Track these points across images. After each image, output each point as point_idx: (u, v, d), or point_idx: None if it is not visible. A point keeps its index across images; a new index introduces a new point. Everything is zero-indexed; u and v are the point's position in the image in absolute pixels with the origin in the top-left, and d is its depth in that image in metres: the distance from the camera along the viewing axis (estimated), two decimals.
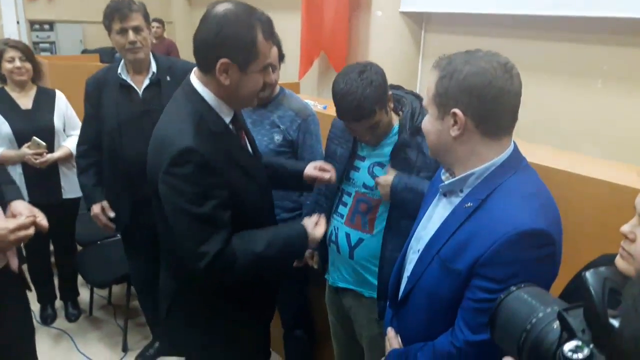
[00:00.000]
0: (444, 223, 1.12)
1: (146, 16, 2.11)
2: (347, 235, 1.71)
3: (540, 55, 4.05)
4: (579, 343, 0.49)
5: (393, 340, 1.27)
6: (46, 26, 8.31)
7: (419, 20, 5.20)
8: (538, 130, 3.78)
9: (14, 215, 1.51)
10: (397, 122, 1.65)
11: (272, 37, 1.32)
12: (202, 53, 1.29)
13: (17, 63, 2.57)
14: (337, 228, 1.74)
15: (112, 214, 2.33)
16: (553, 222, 1.03)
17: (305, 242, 1.45)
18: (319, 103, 3.12)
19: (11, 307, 1.66)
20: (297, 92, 3.45)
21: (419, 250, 1.21)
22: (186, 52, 2.14)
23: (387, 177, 1.57)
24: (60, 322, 3.01)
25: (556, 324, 0.54)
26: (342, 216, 1.74)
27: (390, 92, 1.60)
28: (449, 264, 1.07)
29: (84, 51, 7.83)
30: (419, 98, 1.68)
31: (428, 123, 1.12)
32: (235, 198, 1.32)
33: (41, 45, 8.16)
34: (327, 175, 1.62)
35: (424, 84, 5.19)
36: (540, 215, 1.01)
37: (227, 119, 1.36)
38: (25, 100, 2.64)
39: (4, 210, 1.54)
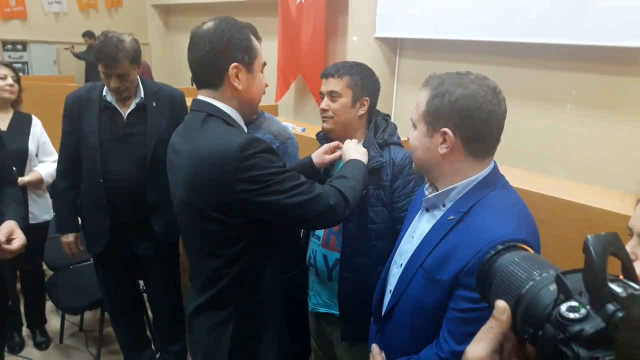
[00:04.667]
0: (428, 235, 1.15)
1: (134, 59, 2.06)
2: (325, 257, 1.72)
3: (511, 80, 4.17)
4: (576, 304, 0.49)
5: (377, 356, 1.27)
6: (19, 46, 8.20)
7: (393, 46, 5.32)
8: (508, 153, 3.87)
9: None
10: (363, 139, 1.68)
11: (258, 37, 1.38)
12: (210, 68, 1.31)
13: (9, 80, 2.58)
14: (315, 251, 1.75)
15: (81, 247, 2.33)
16: (532, 234, 1.08)
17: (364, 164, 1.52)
18: (298, 125, 3.15)
19: None
20: (275, 114, 3.48)
21: (402, 265, 1.23)
22: (161, 73, 2.16)
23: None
24: (29, 351, 2.89)
25: (553, 287, 0.53)
26: (318, 238, 1.75)
27: (368, 100, 1.65)
28: (434, 275, 1.09)
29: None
30: (387, 120, 1.73)
31: (416, 139, 1.16)
32: None
33: (14, 65, 8.04)
34: (337, 154, 1.65)
35: (399, 107, 5.31)
36: (520, 226, 1.06)
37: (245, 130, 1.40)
38: (0, 122, 2.60)
39: None
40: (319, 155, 1.66)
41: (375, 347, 1.30)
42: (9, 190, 1.75)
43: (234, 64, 1.30)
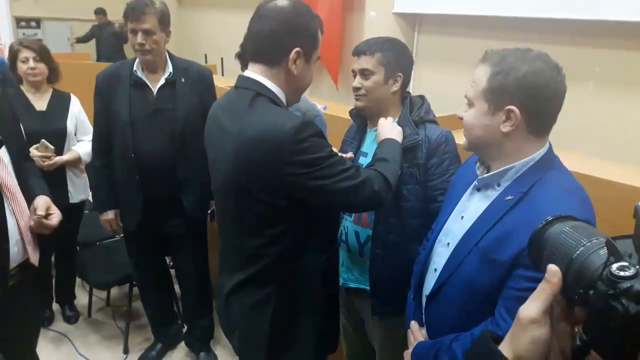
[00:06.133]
0: (483, 215, 1.15)
1: (162, 19, 2.08)
2: (357, 234, 1.74)
3: None
4: (626, 264, 0.52)
5: (417, 333, 1.29)
6: (33, 23, 8.21)
7: (412, 22, 5.24)
8: None
9: (35, 210, 1.57)
10: (397, 117, 1.68)
11: (322, 31, 1.39)
12: (275, 44, 1.30)
13: (31, 63, 2.54)
14: (347, 227, 1.76)
15: (120, 223, 2.37)
16: (592, 214, 1.07)
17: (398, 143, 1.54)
18: (318, 103, 3.14)
19: (26, 302, 1.68)
20: None
21: (448, 244, 1.23)
22: (174, 50, 2.15)
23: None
24: (59, 325, 2.97)
25: (603, 251, 0.56)
26: (350, 214, 1.76)
27: (401, 76, 1.64)
28: (491, 254, 1.09)
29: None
30: (422, 97, 1.73)
31: (473, 117, 1.13)
32: None
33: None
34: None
35: (418, 83, 5.26)
36: (584, 206, 1.06)
37: None
38: (40, 102, 2.63)
39: (29, 203, 1.60)
40: None
41: (414, 324, 1.32)
42: (27, 166, 1.77)
43: (297, 48, 1.30)
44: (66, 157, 2.61)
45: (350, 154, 1.67)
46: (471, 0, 4.41)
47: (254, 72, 1.33)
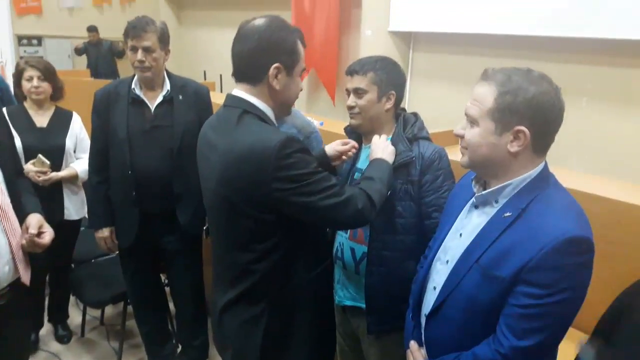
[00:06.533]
0: (482, 232, 1.15)
1: (162, 38, 2.12)
2: (352, 250, 1.73)
3: None
4: None
5: (417, 353, 1.28)
6: (34, 41, 8.28)
7: (407, 40, 5.31)
8: None
9: (27, 228, 1.56)
10: (391, 133, 1.69)
11: (304, 43, 1.39)
12: (253, 63, 1.33)
13: (35, 82, 2.57)
14: (342, 244, 1.76)
15: (116, 241, 2.36)
16: (590, 231, 1.08)
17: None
18: (315, 119, 3.16)
19: (16, 322, 1.65)
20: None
21: (447, 262, 1.23)
22: (173, 68, 2.19)
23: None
24: (51, 345, 2.92)
25: None
26: (346, 231, 1.75)
27: (394, 93, 1.65)
28: (491, 271, 1.10)
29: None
30: (415, 115, 1.74)
31: (479, 137, 1.12)
32: None
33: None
34: (348, 146, 1.65)
35: (413, 101, 5.30)
36: (582, 223, 1.07)
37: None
38: (41, 119, 2.65)
39: (22, 221, 1.59)
40: (334, 146, 1.67)
41: (413, 344, 1.31)
42: (20, 183, 1.77)
43: (276, 64, 1.32)
44: (63, 173, 2.61)
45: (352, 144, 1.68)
46: (464, 19, 4.48)
47: (241, 91, 1.37)
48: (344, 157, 1.68)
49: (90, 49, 7.92)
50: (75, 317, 3.09)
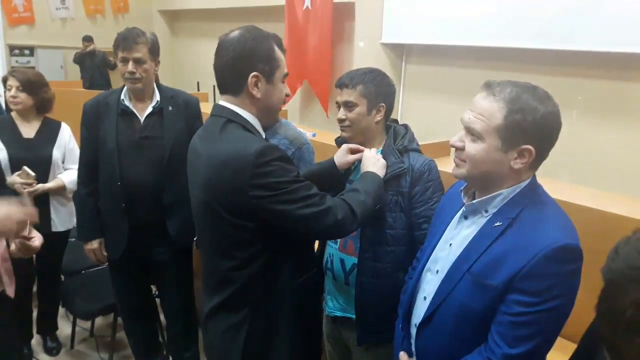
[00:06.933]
0: (473, 241, 1.16)
1: (153, 49, 2.14)
2: (342, 261, 1.73)
3: None
4: None
5: None
6: (26, 51, 8.26)
7: (399, 52, 5.35)
8: None
9: (15, 234, 1.54)
10: (382, 145, 1.70)
11: (282, 48, 1.41)
12: (232, 75, 1.36)
13: (13, 92, 2.56)
14: (332, 255, 1.76)
15: (105, 252, 2.34)
16: (577, 241, 1.09)
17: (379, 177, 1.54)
18: (308, 130, 3.18)
19: (3, 336, 1.63)
20: (285, 118, 3.50)
21: (437, 272, 1.24)
22: (167, 79, 2.21)
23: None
24: (40, 357, 2.89)
25: None
26: (335, 242, 1.76)
27: (384, 105, 1.65)
28: (483, 280, 1.11)
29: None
30: (406, 127, 1.75)
31: (484, 152, 1.11)
32: None
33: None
34: (358, 156, 1.65)
35: (406, 112, 5.34)
36: (571, 232, 1.09)
37: (263, 136, 1.44)
38: (28, 130, 2.63)
39: None
40: (341, 155, 1.68)
41: (403, 355, 1.31)
42: (3, 194, 1.75)
43: (254, 73, 1.34)
44: (49, 185, 2.59)
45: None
46: (455, 32, 4.53)
47: (225, 102, 1.39)
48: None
49: (85, 58, 7.93)
50: (64, 328, 3.06)
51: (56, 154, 2.65)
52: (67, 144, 2.72)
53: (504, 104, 1.08)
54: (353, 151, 1.67)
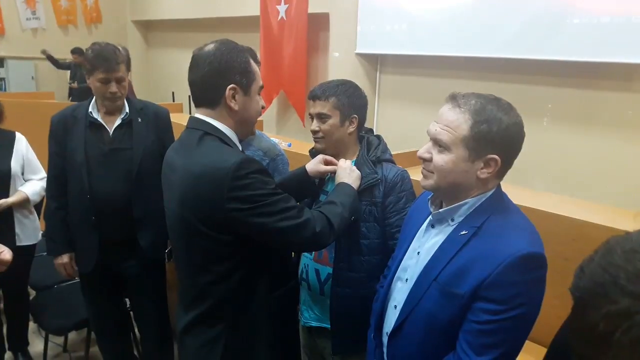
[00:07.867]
0: (439, 250, 1.18)
1: (128, 63, 2.12)
2: (317, 272, 1.74)
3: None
4: None
5: None
6: None
7: (373, 62, 5.42)
8: None
9: None
10: (355, 156, 1.72)
11: (257, 61, 1.42)
12: (209, 87, 1.35)
13: None
14: (307, 265, 1.76)
15: (76, 267, 2.29)
16: (542, 248, 1.12)
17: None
18: (283, 140, 3.18)
19: None
20: (261, 129, 3.51)
21: (407, 280, 1.25)
22: (141, 89, 2.18)
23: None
24: None
25: None
26: (310, 252, 1.76)
27: (356, 117, 1.68)
28: (449, 288, 1.12)
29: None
30: (379, 137, 1.77)
31: (451, 163, 1.13)
32: None
33: None
34: (331, 168, 1.66)
35: (381, 121, 5.39)
36: (535, 240, 1.11)
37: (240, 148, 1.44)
38: None
39: None
40: (315, 164, 1.68)
41: None
42: None
43: (231, 85, 1.34)
44: (12, 199, 2.49)
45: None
46: (429, 42, 4.61)
47: (201, 115, 1.39)
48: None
49: (76, 69, 7.80)
50: (37, 344, 2.98)
51: (14, 165, 2.53)
52: (25, 155, 2.60)
53: (469, 115, 1.11)
54: (327, 162, 1.68)
